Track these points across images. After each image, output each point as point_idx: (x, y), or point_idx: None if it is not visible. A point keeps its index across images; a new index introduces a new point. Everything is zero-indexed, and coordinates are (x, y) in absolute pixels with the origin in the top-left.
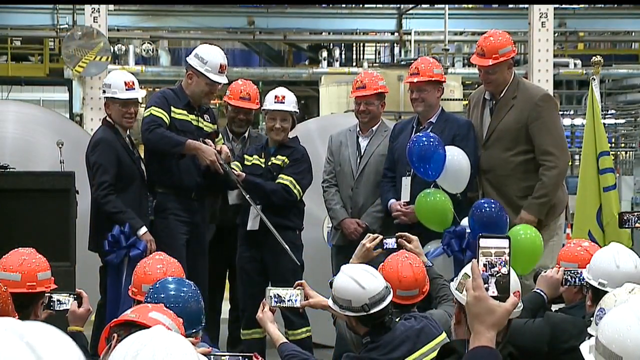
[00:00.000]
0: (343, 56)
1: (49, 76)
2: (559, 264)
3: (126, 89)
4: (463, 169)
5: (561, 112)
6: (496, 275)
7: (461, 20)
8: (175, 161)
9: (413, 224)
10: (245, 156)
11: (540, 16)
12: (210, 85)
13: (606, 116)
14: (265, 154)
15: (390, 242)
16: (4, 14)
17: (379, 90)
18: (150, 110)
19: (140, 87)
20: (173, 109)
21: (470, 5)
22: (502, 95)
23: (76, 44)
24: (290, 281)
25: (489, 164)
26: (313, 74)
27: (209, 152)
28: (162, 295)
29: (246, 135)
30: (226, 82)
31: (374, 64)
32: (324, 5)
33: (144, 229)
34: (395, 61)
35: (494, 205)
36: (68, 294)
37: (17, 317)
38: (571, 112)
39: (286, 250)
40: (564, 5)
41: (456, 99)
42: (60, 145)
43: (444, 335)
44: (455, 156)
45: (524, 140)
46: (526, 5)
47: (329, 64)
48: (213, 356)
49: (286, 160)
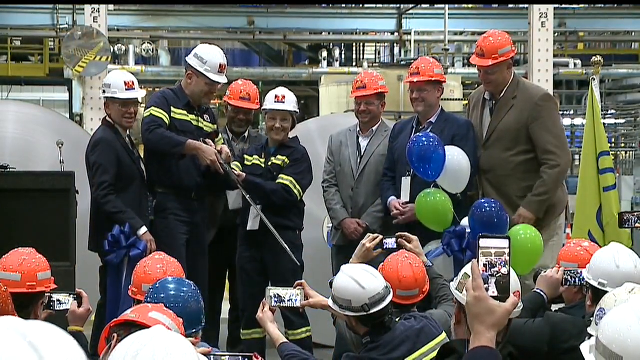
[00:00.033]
0: (343, 56)
1: (49, 76)
2: (559, 264)
3: (126, 89)
4: (463, 169)
5: (561, 112)
6: (496, 276)
7: (461, 20)
8: (175, 161)
9: (412, 224)
10: (245, 156)
11: (540, 16)
12: (209, 85)
13: (606, 116)
14: (265, 154)
15: (390, 242)
16: (4, 14)
17: (379, 90)
18: (150, 110)
19: (140, 87)
20: (173, 109)
21: (470, 5)
22: (502, 95)
23: (76, 44)
24: (290, 281)
25: (489, 164)
26: (313, 74)
27: (209, 152)
28: (162, 295)
29: (246, 135)
30: (226, 82)
31: (374, 64)
32: (324, 5)
33: (144, 229)
34: (395, 61)
35: (494, 205)
36: (68, 294)
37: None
38: (571, 112)
39: (286, 250)
40: (564, 5)
41: (456, 99)
42: (60, 145)
43: (444, 335)
44: (455, 156)
45: (524, 140)
46: (526, 5)
47: (329, 64)
48: (213, 356)
49: (286, 160)
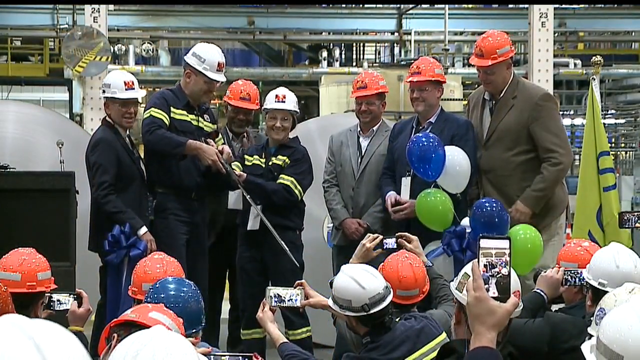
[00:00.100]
0: (343, 56)
1: (49, 76)
2: (559, 264)
3: (126, 89)
4: (463, 168)
5: (561, 112)
6: (497, 276)
7: (461, 20)
8: (175, 161)
9: (412, 224)
10: (246, 156)
11: (540, 16)
12: (208, 84)
13: (606, 116)
14: (265, 154)
15: (390, 242)
16: (4, 14)
17: (380, 90)
18: (150, 111)
19: (140, 87)
20: (172, 109)
21: (470, 5)
22: (502, 95)
23: (76, 44)
24: (290, 281)
25: (489, 164)
26: (313, 74)
27: (210, 152)
28: (162, 295)
29: (245, 134)
30: (224, 81)
31: (374, 64)
32: (324, 5)
33: (144, 229)
34: (395, 61)
35: (495, 204)
36: (68, 294)
37: None
38: (571, 112)
39: (285, 251)
40: (564, 5)
41: (456, 99)
42: (60, 145)
43: (444, 335)
44: (455, 156)
45: (524, 140)
46: (526, 5)
47: (329, 64)
48: (213, 356)
49: (287, 160)
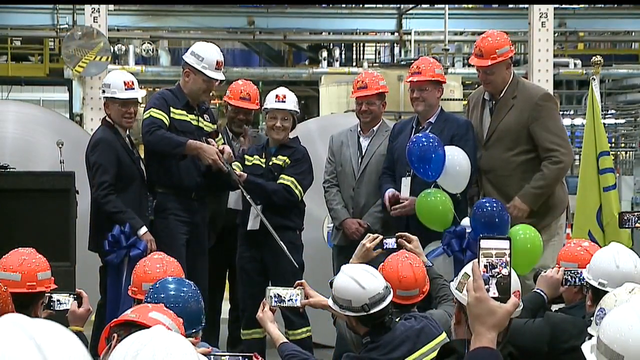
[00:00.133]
0: (343, 56)
1: (49, 76)
2: (559, 264)
3: (125, 89)
4: (463, 168)
5: (561, 112)
6: (497, 276)
7: (461, 20)
8: (175, 161)
9: (412, 224)
10: (246, 156)
11: (540, 16)
12: (207, 83)
13: (606, 116)
14: (265, 154)
15: (390, 242)
16: (4, 14)
17: (380, 90)
18: (150, 112)
19: (140, 87)
20: (172, 109)
21: (470, 5)
22: (502, 95)
23: (76, 44)
24: (290, 281)
25: (489, 164)
26: (313, 74)
27: (210, 152)
28: (162, 295)
29: (244, 134)
30: (223, 79)
31: (374, 64)
32: (324, 5)
33: (144, 229)
34: (395, 61)
35: (495, 204)
36: (68, 294)
37: None
38: (571, 112)
39: (284, 251)
40: (564, 5)
41: (456, 99)
42: (60, 145)
43: (444, 335)
44: (456, 156)
45: (525, 140)
46: (526, 5)
47: (329, 64)
48: (213, 356)
49: (287, 160)
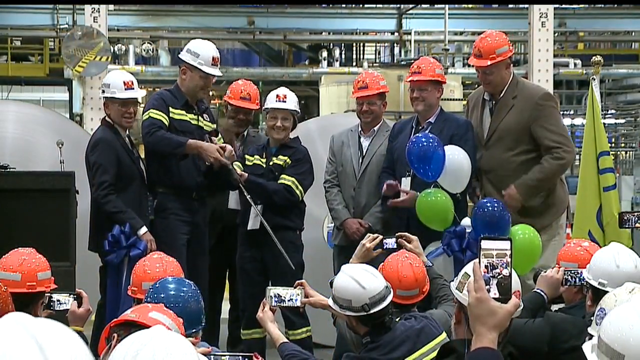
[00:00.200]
0: (343, 56)
1: (49, 76)
2: (559, 264)
3: (125, 89)
4: (463, 168)
5: (561, 112)
6: (498, 277)
7: (461, 20)
8: (175, 161)
9: (410, 224)
10: (246, 156)
11: (540, 16)
12: (204, 79)
13: (606, 116)
14: (266, 154)
15: (390, 242)
16: (4, 14)
17: (381, 90)
18: (149, 113)
19: (140, 87)
20: (171, 109)
21: (470, 5)
22: (502, 95)
23: (76, 44)
24: (290, 281)
25: (490, 164)
26: (313, 74)
27: (211, 150)
28: (162, 295)
29: (245, 134)
30: (220, 75)
31: (374, 64)
32: (324, 5)
33: (144, 229)
34: (395, 61)
35: (496, 204)
36: (68, 294)
37: None
38: (571, 112)
39: (282, 253)
40: (564, 5)
41: (456, 99)
42: (60, 145)
43: (444, 335)
44: (456, 155)
45: (525, 140)
46: (526, 5)
47: (329, 64)
48: (213, 356)
49: (288, 160)
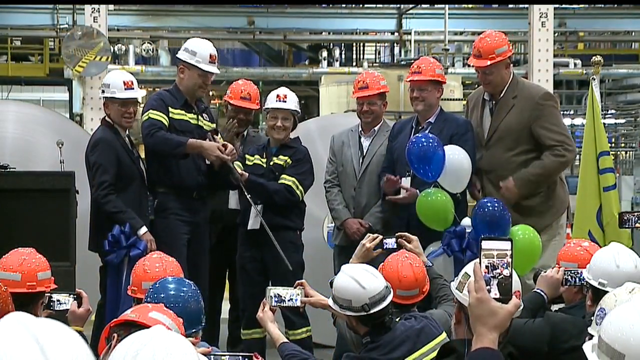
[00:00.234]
0: (343, 56)
1: (49, 76)
2: (559, 264)
3: (125, 89)
4: (463, 168)
5: (561, 112)
6: (498, 277)
7: (461, 20)
8: (175, 161)
9: (410, 224)
10: (247, 156)
11: (540, 16)
12: (202, 77)
13: (606, 116)
14: (266, 154)
15: (390, 242)
16: (4, 14)
17: (381, 90)
18: (149, 114)
19: (140, 87)
20: (171, 109)
21: (470, 5)
22: (502, 95)
23: (76, 44)
24: (290, 281)
25: (490, 164)
26: (313, 74)
27: (212, 148)
28: (162, 295)
29: (245, 134)
30: (217, 72)
31: (374, 64)
32: (324, 5)
33: (144, 229)
34: (395, 61)
35: (497, 204)
36: (68, 294)
37: None
38: (571, 112)
39: (280, 254)
40: (564, 5)
41: (456, 99)
42: (60, 145)
43: (444, 335)
44: (456, 155)
45: (525, 140)
46: (526, 5)
47: (329, 64)
48: (213, 356)
49: (288, 160)
